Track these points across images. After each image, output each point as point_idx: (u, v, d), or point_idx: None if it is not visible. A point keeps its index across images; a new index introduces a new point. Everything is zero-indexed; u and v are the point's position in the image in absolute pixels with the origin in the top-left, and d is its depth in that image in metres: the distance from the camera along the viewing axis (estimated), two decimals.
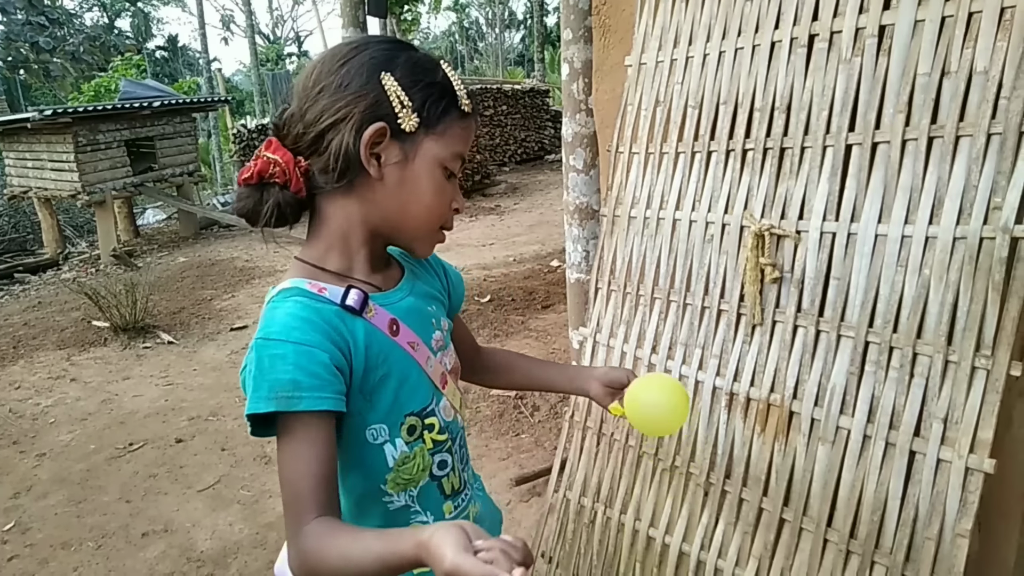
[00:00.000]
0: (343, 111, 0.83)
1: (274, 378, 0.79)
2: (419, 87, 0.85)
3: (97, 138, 8.16)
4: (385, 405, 0.90)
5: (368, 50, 0.86)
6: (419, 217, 0.91)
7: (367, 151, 0.84)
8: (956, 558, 1.44)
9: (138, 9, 32.79)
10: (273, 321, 0.82)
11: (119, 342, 5.15)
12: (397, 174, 0.87)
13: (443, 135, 0.87)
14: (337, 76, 0.84)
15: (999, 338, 1.38)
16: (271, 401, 0.78)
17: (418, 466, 0.94)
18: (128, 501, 3.08)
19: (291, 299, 0.85)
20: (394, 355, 0.90)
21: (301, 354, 0.79)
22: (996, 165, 1.38)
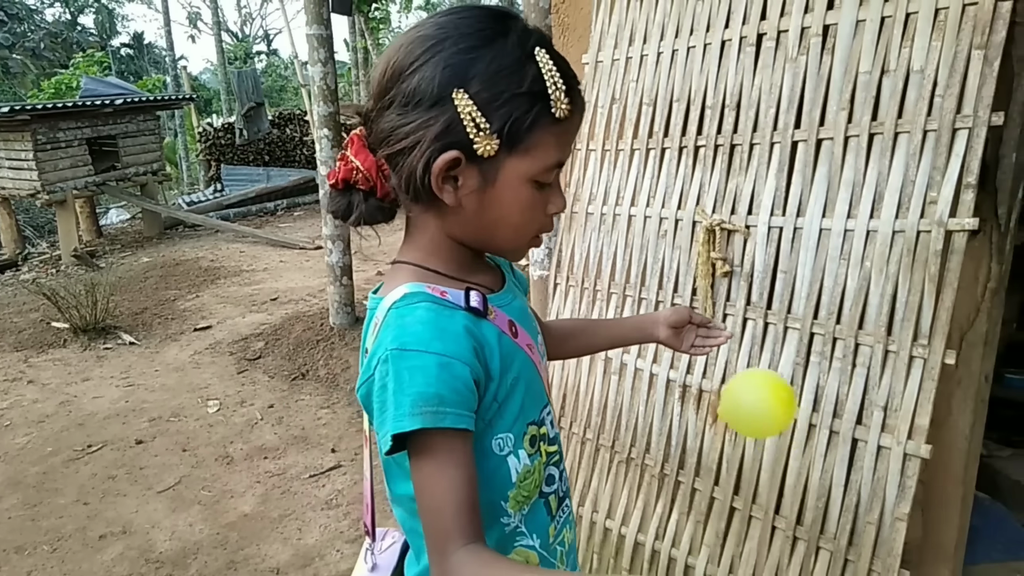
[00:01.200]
0: (411, 137, 0.73)
1: (416, 392, 0.71)
2: (500, 102, 0.72)
3: (57, 136, 7.98)
4: (514, 412, 0.83)
5: (444, 51, 0.72)
6: (507, 235, 0.82)
7: (438, 182, 0.74)
8: (895, 541, 1.48)
9: (102, 5, 32.14)
10: (406, 330, 0.74)
11: (79, 343, 5.05)
12: (477, 200, 0.77)
13: (531, 151, 0.75)
14: (407, 85, 0.73)
15: (935, 328, 1.43)
16: (416, 417, 0.70)
17: (535, 481, 0.86)
18: (86, 503, 3.03)
19: (420, 304, 0.76)
20: (519, 358, 0.84)
21: (443, 367, 0.72)
22: (932, 161, 1.43)
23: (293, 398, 4.04)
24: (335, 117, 4.48)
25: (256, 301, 5.90)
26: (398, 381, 0.72)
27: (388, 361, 0.73)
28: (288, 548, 2.67)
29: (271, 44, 37.49)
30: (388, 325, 0.76)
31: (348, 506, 2.92)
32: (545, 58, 0.74)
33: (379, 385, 0.74)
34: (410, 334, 0.74)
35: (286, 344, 4.75)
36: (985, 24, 1.35)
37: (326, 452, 3.39)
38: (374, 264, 6.91)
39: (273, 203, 10.66)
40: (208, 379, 4.38)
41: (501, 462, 0.82)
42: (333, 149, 4.51)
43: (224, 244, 8.38)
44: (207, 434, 3.65)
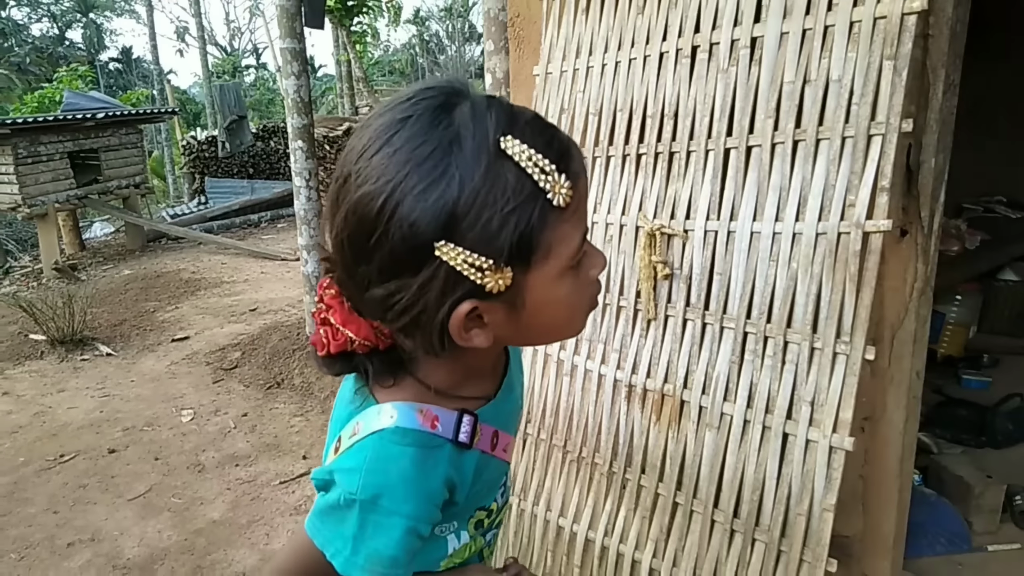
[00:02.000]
0: (413, 309, 0.62)
1: (374, 548, 0.69)
2: (493, 231, 0.58)
3: (38, 150, 8.00)
4: (466, 509, 0.81)
5: (400, 204, 0.58)
6: (562, 329, 0.74)
7: (462, 335, 0.64)
8: (823, 532, 1.54)
9: (90, 20, 32.19)
10: (385, 480, 0.69)
11: (56, 355, 5.06)
12: (513, 323, 0.66)
13: (550, 252, 0.62)
14: (379, 257, 0.60)
15: (856, 325, 1.50)
16: (365, 572, 0.70)
17: (470, 550, 0.85)
18: (55, 512, 3.05)
19: (407, 449, 0.69)
20: (490, 467, 0.80)
21: (408, 532, 0.70)
22: (850, 165, 1.50)
23: (267, 406, 4.07)
24: (309, 129, 4.54)
25: (235, 312, 5.93)
26: (358, 528, 0.69)
27: (355, 505, 0.68)
28: (255, 553, 2.70)
29: (260, 58, 37.57)
30: (366, 457, 0.69)
31: None
32: (517, 146, 0.59)
33: (333, 504, 0.70)
34: (387, 487, 0.69)
35: (262, 354, 4.78)
36: (894, 36, 1.42)
37: (297, 459, 3.43)
38: None
39: (257, 215, 10.69)
40: (184, 389, 4.40)
41: (440, 540, 0.81)
42: (308, 161, 4.56)
43: (206, 256, 8.40)
44: (180, 443, 3.67)
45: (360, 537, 0.69)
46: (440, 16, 37.25)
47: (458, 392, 0.75)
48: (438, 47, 38.83)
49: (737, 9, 1.69)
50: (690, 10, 1.79)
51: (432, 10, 35.19)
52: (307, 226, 4.68)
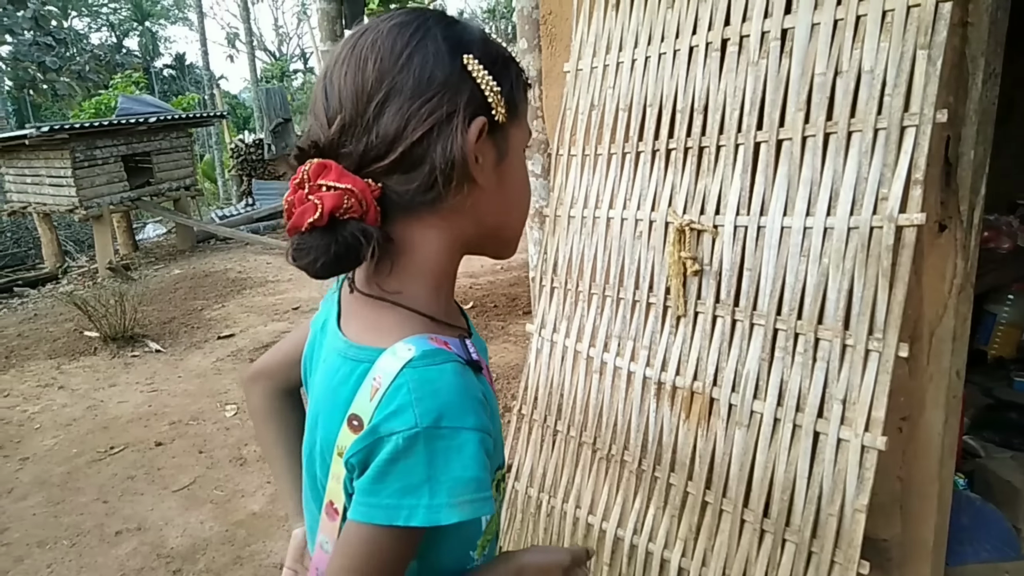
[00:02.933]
0: (439, 112, 0.65)
1: (454, 477, 0.63)
2: (499, 68, 0.69)
3: (94, 153, 8.31)
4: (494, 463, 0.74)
5: (428, 29, 0.67)
6: (521, 214, 0.78)
7: (474, 160, 0.67)
8: (855, 533, 1.50)
9: (145, 28, 33.26)
10: (439, 400, 0.64)
11: (108, 351, 5.25)
12: (495, 177, 0.71)
13: (521, 119, 0.73)
14: (410, 69, 0.65)
15: (888, 321, 1.46)
16: (454, 508, 0.63)
17: (496, 523, 0.81)
18: (105, 501, 3.17)
19: (446, 364, 0.66)
20: (495, 407, 0.77)
21: (479, 445, 0.64)
22: (883, 158, 1.46)
23: None
24: None
25: (279, 310, 6.06)
26: (428, 466, 0.62)
27: (419, 440, 0.62)
28: None
29: (307, 62, 38.28)
30: (412, 390, 0.63)
31: None
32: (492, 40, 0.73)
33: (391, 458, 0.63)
34: (446, 405, 0.64)
35: None
36: (928, 25, 1.38)
37: None
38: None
39: None
40: (228, 384, 4.52)
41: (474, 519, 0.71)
42: None
43: (252, 256, 8.61)
44: (223, 437, 3.77)
45: (434, 474, 0.62)
46: (484, 17, 37.44)
47: (447, 319, 0.75)
48: None
49: (767, 1, 1.67)
50: (720, 3, 1.77)
51: (475, 11, 35.37)
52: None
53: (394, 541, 0.64)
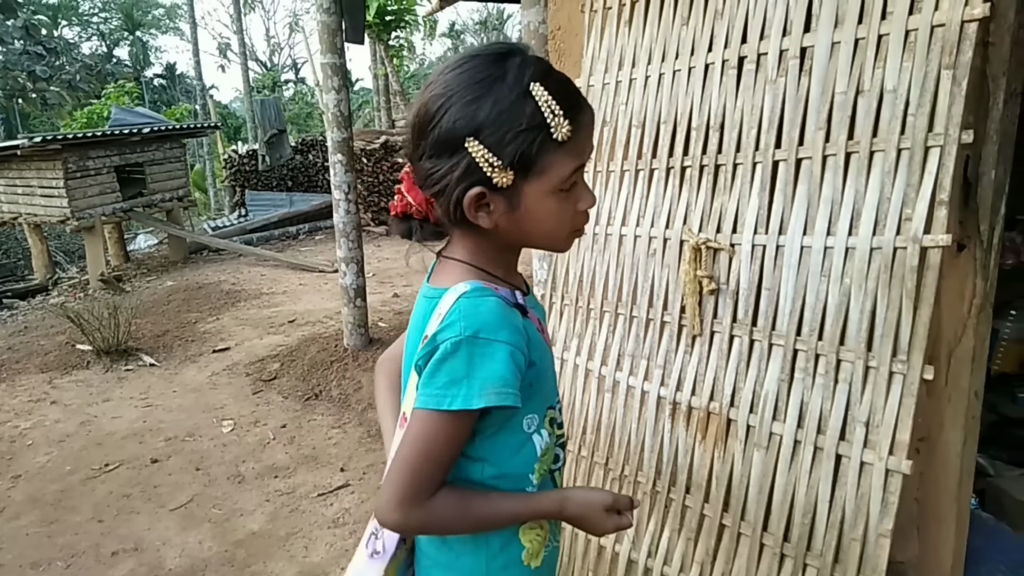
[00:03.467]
0: (443, 181, 0.86)
1: (486, 375, 0.83)
2: (507, 141, 0.83)
3: (87, 164, 8.23)
4: (540, 396, 0.95)
5: (452, 106, 0.84)
6: (545, 239, 0.95)
7: (471, 212, 0.87)
8: (880, 558, 1.48)
9: (136, 38, 33.17)
10: (480, 318, 0.85)
11: (101, 365, 5.17)
12: (508, 219, 0.89)
13: (545, 171, 0.86)
14: (430, 138, 0.86)
15: (913, 343, 1.44)
16: (482, 396, 0.83)
17: (551, 457, 0.99)
18: (100, 521, 3.10)
19: (490, 298, 0.88)
20: (545, 351, 0.97)
21: (509, 355, 0.84)
22: (906, 178, 1.45)
23: (306, 418, 4.10)
24: (348, 143, 4.59)
25: (274, 323, 6.00)
26: (468, 365, 0.83)
27: (462, 344, 0.84)
28: (294, 565, 2.70)
29: (299, 72, 38.27)
30: (461, 312, 0.85)
31: (355, 524, 2.96)
32: (540, 91, 0.83)
33: (442, 358, 0.84)
34: (483, 323, 0.85)
35: (301, 365, 4.83)
36: (953, 45, 1.38)
37: (335, 471, 3.44)
38: (390, 286, 7.00)
39: (295, 227, 10.85)
40: (224, 399, 4.46)
41: (528, 439, 0.96)
42: (347, 174, 4.61)
43: (246, 268, 8.54)
44: (220, 453, 3.71)
45: (471, 371, 0.84)
46: (475, 29, 37.58)
47: (503, 276, 0.96)
48: None
49: (786, 19, 1.66)
50: (737, 20, 1.76)
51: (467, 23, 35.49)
52: (346, 239, 4.72)
53: (442, 424, 0.85)
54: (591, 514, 0.96)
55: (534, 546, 0.99)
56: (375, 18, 12.26)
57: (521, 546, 0.98)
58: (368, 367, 4.61)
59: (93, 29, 33.21)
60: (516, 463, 0.95)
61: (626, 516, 1.00)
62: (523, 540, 0.98)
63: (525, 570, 0.99)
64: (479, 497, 0.92)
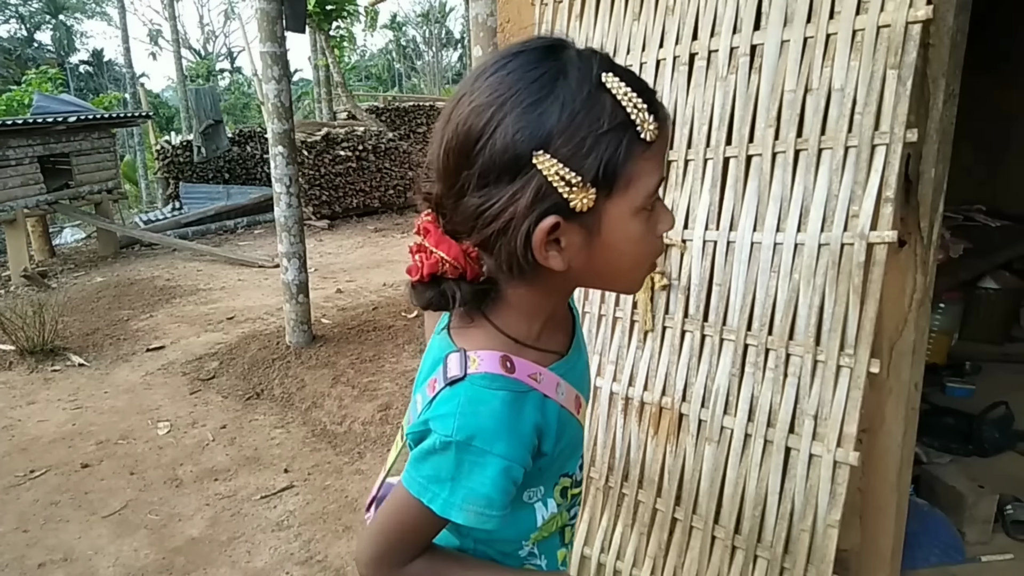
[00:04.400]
0: (503, 216, 0.67)
1: (471, 488, 0.73)
2: (586, 149, 0.65)
3: (7, 154, 7.78)
4: (553, 472, 0.85)
5: (507, 115, 0.65)
6: (627, 275, 0.78)
7: (543, 253, 0.68)
8: (828, 548, 1.52)
9: (59, 22, 31.64)
10: (478, 420, 0.72)
11: (25, 365, 4.90)
12: (585, 255, 0.71)
13: (631, 184, 0.68)
14: (480, 162, 0.66)
15: (859, 337, 1.48)
16: (462, 511, 0.73)
17: (557, 523, 0.90)
18: (25, 531, 2.93)
19: (499, 394, 0.74)
20: (571, 427, 0.84)
21: (501, 472, 0.73)
22: (853, 176, 1.48)
23: (247, 418, 3.97)
24: (290, 134, 4.46)
25: (212, 320, 5.80)
26: (455, 470, 0.73)
27: (451, 448, 0.72)
28: (236, 571, 2.61)
29: (234, 62, 37.21)
30: (459, 405, 0.73)
31: (300, 527, 2.88)
32: (616, 82, 0.66)
33: (427, 452, 0.74)
34: (481, 428, 0.72)
35: (241, 364, 4.68)
36: (898, 45, 1.41)
37: (279, 472, 3.34)
38: (332, 282, 6.87)
39: (233, 221, 10.53)
40: (159, 400, 4.28)
41: (529, 509, 0.85)
42: (288, 167, 4.48)
43: (181, 263, 8.24)
44: (156, 456, 3.56)
45: (457, 478, 0.73)
46: (417, 21, 37.22)
47: (536, 344, 0.79)
48: (415, 52, 38.75)
49: (736, 16, 1.67)
50: (688, 17, 1.76)
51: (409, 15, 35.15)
52: (287, 233, 4.59)
53: (419, 512, 0.76)
54: None
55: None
56: (315, 7, 11.98)
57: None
58: (311, 364, 4.51)
59: (11, 11, 31.51)
60: (509, 532, 0.86)
61: None
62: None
63: None
64: (456, 570, 0.84)
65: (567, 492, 0.88)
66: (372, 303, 5.95)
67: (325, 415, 3.90)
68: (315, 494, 3.13)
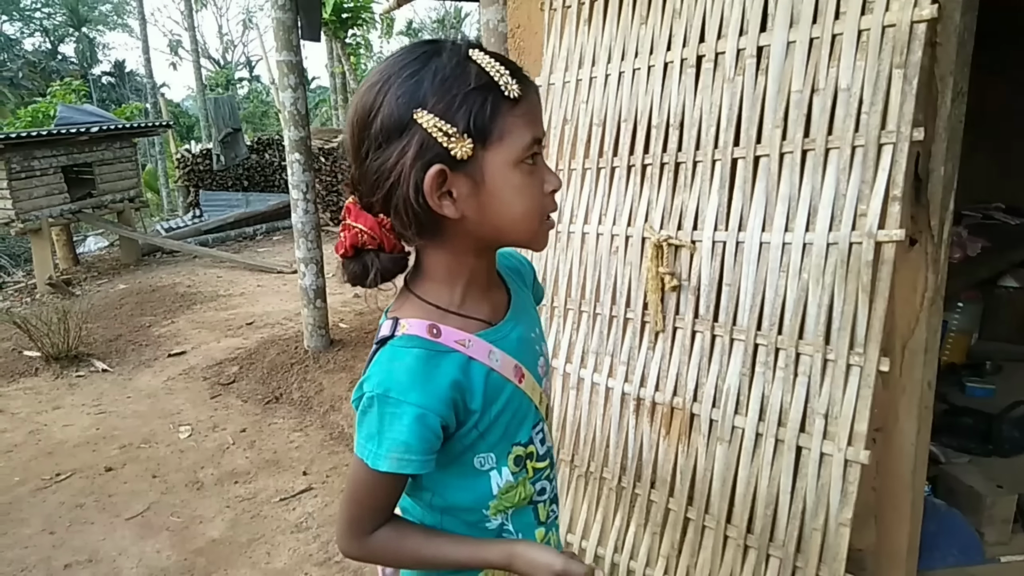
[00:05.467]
0: (395, 169, 0.76)
1: (392, 437, 0.80)
2: (456, 105, 0.75)
3: (32, 164, 7.94)
4: (496, 437, 0.89)
5: (392, 85, 0.77)
6: (518, 225, 0.84)
7: (435, 199, 0.77)
8: (840, 547, 1.52)
9: (82, 35, 32.17)
10: (392, 375, 0.80)
11: (51, 371, 5.00)
12: (475, 203, 0.79)
13: (503, 138, 0.78)
14: (374, 128, 0.77)
15: (869, 336, 1.48)
16: (385, 459, 0.80)
17: (519, 495, 0.93)
18: (52, 533, 2.99)
19: (412, 350, 0.82)
20: (506, 392, 0.88)
21: (416, 419, 0.79)
22: (861, 175, 1.49)
23: (266, 422, 4.02)
24: (306, 142, 4.52)
25: (232, 326, 5.88)
26: (379, 423, 0.80)
27: (373, 402, 0.81)
28: (256, 572, 2.65)
29: (253, 70, 37.59)
30: (379, 362, 0.82)
31: (318, 528, 2.91)
32: (480, 55, 0.78)
33: (361, 414, 0.83)
34: (395, 381, 0.80)
35: (260, 368, 4.74)
36: (903, 44, 1.41)
37: (297, 475, 3.38)
38: (350, 286, 6.91)
39: (252, 228, 10.65)
40: (181, 405, 4.35)
41: (483, 476, 0.90)
42: (305, 173, 4.54)
43: (201, 270, 8.35)
44: (178, 460, 3.62)
45: (380, 430, 0.80)
46: (433, 28, 37.41)
47: (460, 310, 0.87)
48: None
49: (742, 19, 1.68)
50: (694, 20, 1.78)
51: (425, 22, 35.29)
52: (305, 239, 4.65)
53: (366, 475, 0.83)
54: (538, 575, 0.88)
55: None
56: (331, 15, 12.10)
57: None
58: (329, 368, 4.55)
59: (36, 25, 32.09)
60: (465, 498, 0.91)
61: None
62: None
63: None
64: (418, 538, 0.89)
65: (523, 462, 0.92)
66: None
67: (343, 418, 3.94)
68: (333, 496, 3.17)
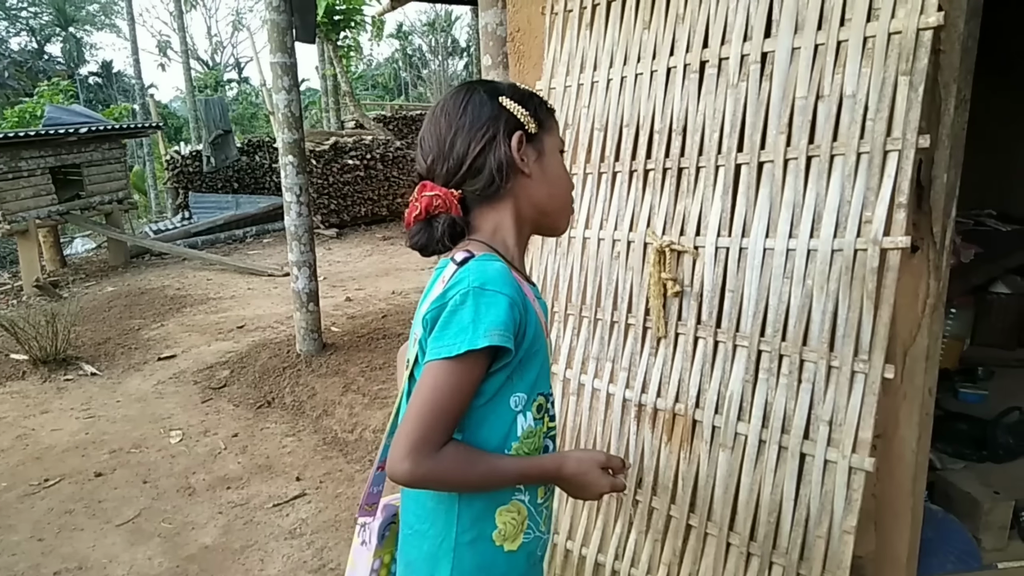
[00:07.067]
0: (488, 135, 1.01)
1: (489, 320, 0.91)
2: (525, 101, 1.04)
3: (19, 165, 7.87)
4: (531, 377, 1.01)
5: (476, 90, 1.04)
6: (562, 194, 1.10)
7: (518, 155, 1.02)
8: (844, 554, 1.51)
9: (69, 34, 31.91)
10: (486, 274, 0.94)
11: (38, 375, 4.94)
12: (539, 167, 1.05)
13: (552, 129, 1.09)
14: (467, 116, 1.02)
15: (874, 343, 1.47)
16: (486, 336, 0.90)
17: (534, 443, 1.03)
18: (40, 539, 2.95)
19: (496, 263, 0.97)
20: (542, 339, 1.03)
21: (511, 306, 0.93)
22: (866, 182, 1.48)
23: (258, 426, 3.99)
24: (300, 144, 4.49)
25: (222, 329, 5.83)
26: (475, 312, 0.92)
27: (469, 295, 0.92)
28: None
29: (242, 72, 37.42)
30: (470, 270, 0.95)
31: (312, 535, 2.88)
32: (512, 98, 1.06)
33: (452, 310, 0.93)
34: (490, 278, 0.93)
35: (252, 372, 4.70)
36: (909, 51, 1.41)
37: (291, 480, 3.35)
38: (342, 290, 6.89)
39: (242, 230, 10.59)
40: (171, 409, 4.31)
41: (512, 417, 1.00)
42: (299, 176, 4.51)
43: (191, 272, 8.29)
44: (169, 465, 3.58)
45: (477, 317, 0.92)
46: (423, 31, 37.35)
47: (513, 262, 1.04)
48: (421, 61, 38.88)
49: (747, 24, 1.68)
50: (698, 25, 1.77)
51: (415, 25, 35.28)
52: (297, 241, 4.62)
53: (450, 372, 0.92)
54: (588, 470, 1.02)
55: (508, 528, 1.02)
56: (323, 17, 12.05)
57: (494, 525, 1.01)
58: (322, 373, 4.52)
59: (22, 24, 31.79)
60: (493, 437, 0.99)
61: (619, 478, 1.07)
62: (497, 520, 1.01)
63: (496, 550, 1.01)
64: (485, 453, 0.97)
65: (543, 412, 1.05)
66: (381, 311, 5.96)
67: (336, 423, 3.91)
68: (327, 502, 3.14)
